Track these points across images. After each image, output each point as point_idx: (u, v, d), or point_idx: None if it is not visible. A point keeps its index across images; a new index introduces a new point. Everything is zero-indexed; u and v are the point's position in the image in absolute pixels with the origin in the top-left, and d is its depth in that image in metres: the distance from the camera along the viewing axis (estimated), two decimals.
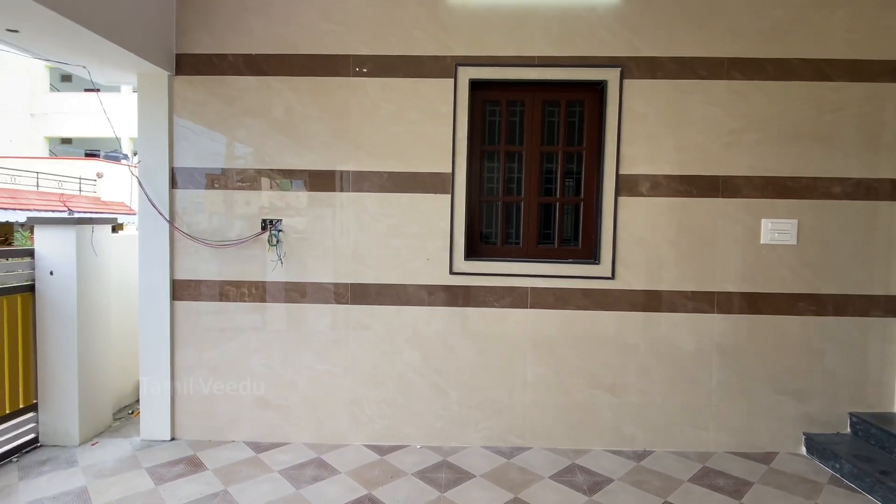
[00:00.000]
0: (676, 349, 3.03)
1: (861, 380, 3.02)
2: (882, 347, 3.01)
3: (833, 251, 2.98)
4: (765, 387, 3.03)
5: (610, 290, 3.02)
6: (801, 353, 3.02)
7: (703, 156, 2.97)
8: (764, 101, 2.94)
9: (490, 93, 3.09)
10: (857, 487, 2.62)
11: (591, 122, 3.07)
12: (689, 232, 3.00)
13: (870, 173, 2.95)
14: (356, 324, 3.07)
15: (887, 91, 2.93)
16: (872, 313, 3.00)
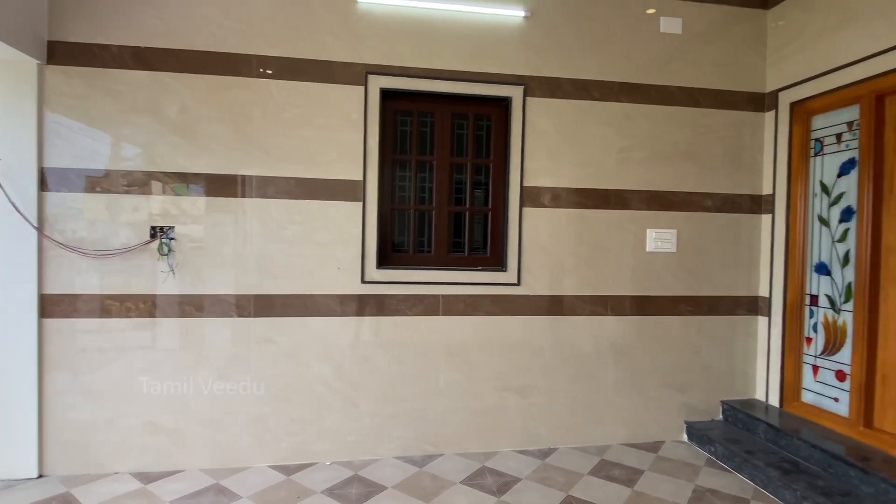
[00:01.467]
0: (577, 350, 3.23)
1: (730, 371, 3.43)
2: (746, 342, 3.44)
3: (706, 258, 3.36)
4: (653, 381, 3.33)
5: (516, 295, 3.15)
6: (682, 349, 3.36)
7: (598, 171, 3.22)
8: (648, 122, 3.26)
9: (401, 103, 3.11)
10: (728, 467, 2.96)
11: (498, 136, 3.20)
12: (586, 241, 3.22)
13: (734, 189, 3.38)
14: (260, 338, 2.91)
15: (746, 118, 3.38)
16: (738, 312, 3.42)
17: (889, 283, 2.65)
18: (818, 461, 2.66)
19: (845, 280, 2.87)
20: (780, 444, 2.91)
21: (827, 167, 2.99)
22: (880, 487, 2.33)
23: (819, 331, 3.04)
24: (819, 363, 3.03)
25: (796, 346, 3.16)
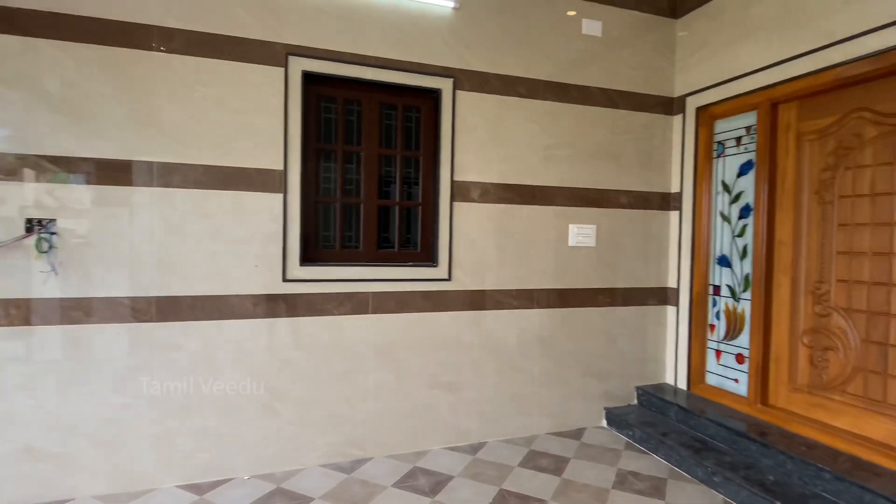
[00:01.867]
0: (505, 344, 3.26)
1: (643, 358, 3.64)
2: (657, 330, 3.67)
3: (622, 252, 3.54)
4: (575, 371, 3.45)
5: (447, 291, 3.10)
6: (601, 339, 3.51)
7: (525, 167, 3.26)
8: (571, 121, 3.36)
9: (326, 89, 2.92)
10: (645, 449, 3.14)
11: (428, 129, 3.13)
12: (514, 235, 3.26)
13: (646, 187, 3.59)
14: (164, 344, 2.60)
15: (657, 121, 3.60)
16: (650, 302, 3.65)
17: (781, 273, 2.95)
18: (724, 438, 2.90)
19: (744, 271, 3.15)
20: (690, 425, 3.14)
21: (728, 168, 3.27)
22: (778, 459, 2.58)
23: (721, 318, 3.32)
24: (721, 348, 3.31)
25: (701, 333, 3.43)
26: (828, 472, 2.34)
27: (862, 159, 2.56)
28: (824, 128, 2.73)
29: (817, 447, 2.56)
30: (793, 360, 2.89)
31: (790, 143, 2.90)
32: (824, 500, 2.30)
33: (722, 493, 2.59)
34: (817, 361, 2.76)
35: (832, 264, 2.69)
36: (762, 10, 2.98)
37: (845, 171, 2.63)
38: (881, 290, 2.48)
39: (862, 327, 2.56)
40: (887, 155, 2.45)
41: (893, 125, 2.43)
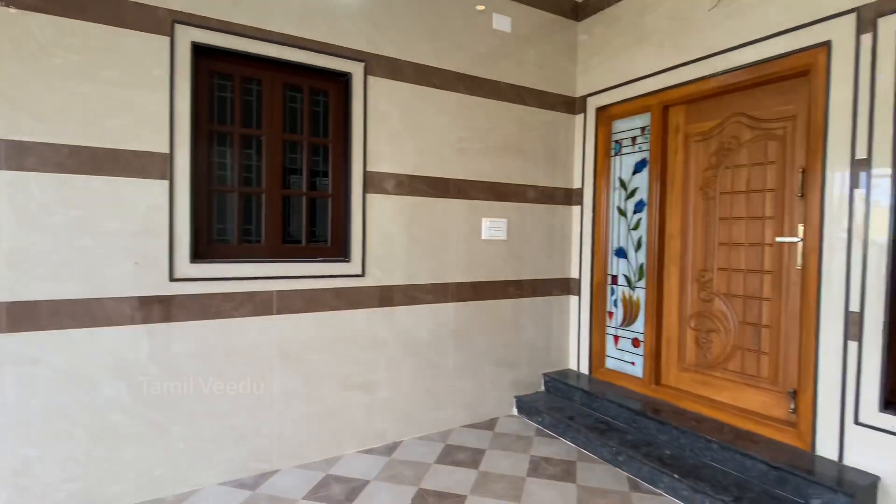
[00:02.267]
0: (420, 339, 3.19)
1: (549, 346, 3.79)
2: (561, 319, 3.84)
3: (530, 244, 3.64)
4: (488, 362, 3.49)
5: (361, 287, 2.96)
6: (511, 329, 3.59)
7: (439, 159, 3.21)
8: (483, 115, 3.37)
9: (221, 64, 2.61)
10: (555, 434, 3.26)
11: (337, 115, 2.94)
12: (429, 229, 3.19)
13: (551, 182, 3.72)
14: (18, 358, 2.16)
15: (561, 119, 3.74)
16: (555, 292, 3.80)
17: (671, 263, 3.21)
18: (625, 419, 3.10)
19: (639, 262, 3.40)
20: (594, 407, 3.32)
21: (624, 166, 3.49)
22: (672, 434, 2.81)
23: (619, 306, 3.55)
24: (619, 333, 3.54)
25: (601, 320, 3.64)
26: (716, 443, 2.59)
27: (739, 159, 2.86)
28: (708, 130, 3.01)
29: (705, 421, 2.83)
30: (682, 343, 3.17)
31: (679, 143, 3.16)
32: (713, 469, 2.54)
33: (626, 470, 2.76)
34: (702, 342, 3.06)
35: (714, 254, 2.98)
36: (654, 19, 3.20)
37: (725, 169, 2.93)
38: (755, 276, 2.79)
39: (739, 310, 2.87)
40: (760, 156, 2.76)
41: (765, 129, 2.74)
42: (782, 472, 2.31)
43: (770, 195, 2.72)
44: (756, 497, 2.28)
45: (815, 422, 2.42)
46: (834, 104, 2.35)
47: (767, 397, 2.72)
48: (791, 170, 2.62)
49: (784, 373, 2.65)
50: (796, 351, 2.58)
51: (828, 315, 2.37)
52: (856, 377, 2.28)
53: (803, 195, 2.54)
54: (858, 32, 2.26)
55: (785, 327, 2.65)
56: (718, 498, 2.29)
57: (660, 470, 2.57)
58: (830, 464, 2.31)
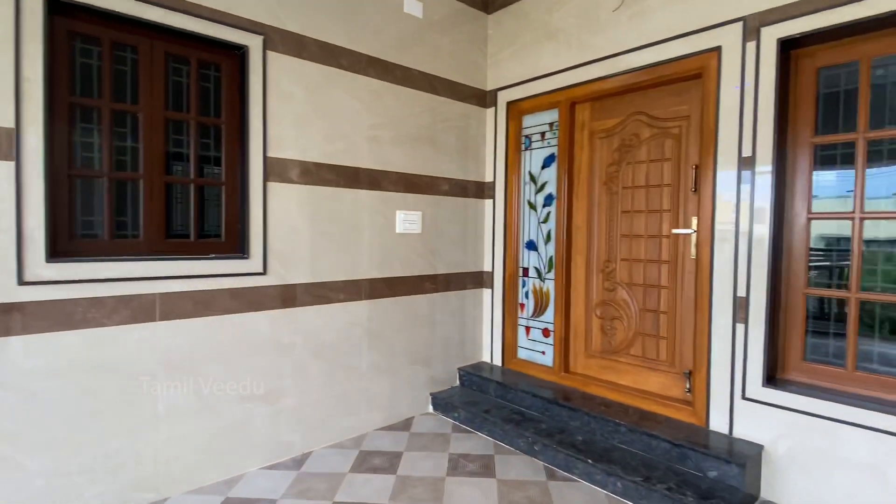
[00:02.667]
0: (331, 341, 2.98)
1: (464, 340, 3.76)
2: (475, 312, 3.83)
3: (444, 238, 3.57)
4: (403, 360, 3.36)
5: (263, 286, 2.67)
6: (427, 325, 3.49)
7: (350, 147, 3.00)
8: (395, 103, 3.22)
9: (84, 24, 2.18)
10: (471, 429, 3.23)
11: (232, 93, 2.61)
12: (339, 222, 2.98)
13: (464, 175, 3.68)
14: None
15: (473, 111, 3.71)
16: (469, 286, 3.77)
17: (578, 255, 3.32)
18: (538, 408, 3.15)
19: (548, 254, 3.47)
20: (508, 399, 3.34)
21: (534, 160, 3.55)
22: (583, 420, 2.91)
23: (530, 297, 3.61)
24: (530, 324, 3.61)
25: (513, 312, 3.68)
26: (623, 425, 2.71)
27: (639, 156, 3.02)
28: (611, 127, 3.14)
29: (612, 405, 2.97)
30: (588, 331, 3.30)
31: (585, 139, 3.27)
32: (623, 451, 2.66)
33: (542, 459, 2.80)
34: (607, 330, 3.20)
35: (618, 246, 3.13)
36: (561, 17, 3.27)
37: (627, 165, 3.08)
38: (654, 266, 2.97)
39: (640, 298, 3.04)
40: (658, 153, 2.93)
41: (662, 128, 2.91)
42: (683, 448, 2.47)
43: (667, 190, 2.90)
44: (662, 474, 2.41)
45: (708, 399, 2.62)
46: (724, 106, 2.55)
47: (666, 379, 2.91)
48: (685, 166, 2.81)
49: (680, 355, 2.85)
50: (691, 335, 2.78)
51: (719, 300, 2.58)
52: (743, 356, 2.50)
53: (696, 190, 2.74)
54: (745, 40, 2.47)
55: (681, 313, 2.85)
56: (629, 479, 2.40)
57: (574, 456, 2.63)
58: (723, 437, 2.52)
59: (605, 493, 2.48)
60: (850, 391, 2.30)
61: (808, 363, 2.46)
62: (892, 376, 2.23)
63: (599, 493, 2.49)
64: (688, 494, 2.23)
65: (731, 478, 2.31)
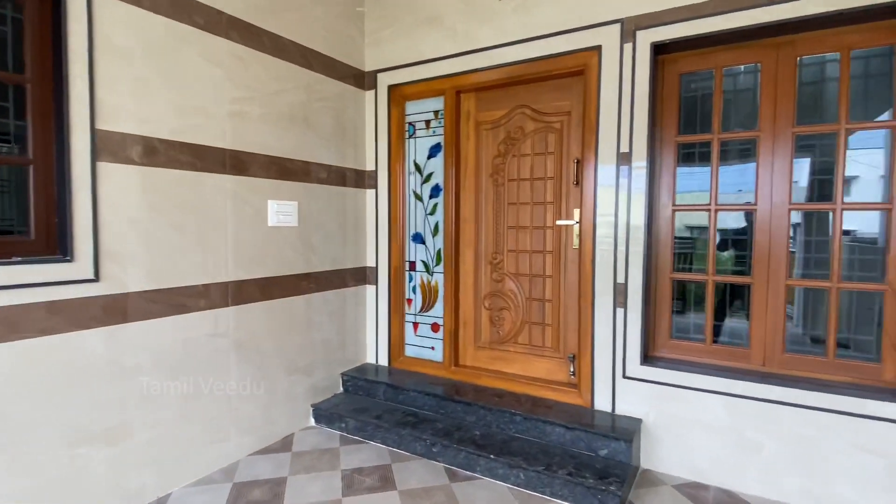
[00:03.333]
0: (190, 357, 2.47)
1: (345, 342, 3.47)
2: (357, 311, 3.56)
3: (323, 231, 3.23)
4: (280, 371, 2.97)
5: (95, 297, 2.08)
6: (305, 329, 3.13)
7: (209, 122, 2.50)
8: (265, 75, 2.78)
9: None
10: (362, 438, 2.98)
11: (42, 41, 1.96)
12: (198, 213, 2.48)
13: (344, 163, 3.37)
14: None
15: (351, 93, 3.41)
16: (350, 283, 3.49)
17: (466, 247, 3.27)
18: (432, 407, 3.03)
19: (436, 247, 3.36)
20: (399, 401, 3.17)
21: (419, 149, 3.40)
22: (479, 414, 2.86)
23: (417, 292, 3.47)
24: (418, 320, 3.47)
25: (400, 308, 3.51)
26: (518, 415, 2.73)
27: (524, 149, 3.06)
28: (496, 119, 3.13)
29: (504, 395, 2.98)
30: (477, 322, 3.27)
31: (471, 130, 3.21)
32: (521, 441, 2.67)
33: (442, 461, 2.69)
34: (496, 320, 3.21)
35: (505, 237, 3.15)
36: (446, 2, 3.15)
37: (512, 158, 3.10)
38: (539, 256, 3.04)
39: (526, 288, 3.09)
40: (541, 147, 3.00)
41: (546, 122, 2.97)
42: (576, 431, 2.57)
43: (551, 183, 2.98)
44: (560, 460, 2.47)
45: (593, 381, 2.77)
46: (604, 103, 2.68)
47: (552, 364, 3.02)
48: (567, 160, 2.92)
49: (564, 341, 2.98)
50: (575, 321, 2.91)
51: (601, 287, 2.73)
52: (623, 338, 2.68)
53: (578, 183, 2.86)
54: (622, 41, 2.61)
55: (564, 300, 2.96)
56: (531, 469, 2.41)
57: (475, 453, 2.57)
58: (608, 416, 2.68)
59: (508, 487, 2.46)
60: (709, 362, 2.61)
61: (675, 340, 2.73)
62: (741, 347, 2.58)
63: (502, 487, 2.46)
64: (587, 476, 2.31)
65: (620, 454, 2.46)
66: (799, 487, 2.30)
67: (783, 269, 2.45)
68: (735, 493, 2.41)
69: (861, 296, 2.56)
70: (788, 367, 2.45)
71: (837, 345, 2.35)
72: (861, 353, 2.33)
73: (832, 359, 2.37)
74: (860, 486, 2.18)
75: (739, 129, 2.56)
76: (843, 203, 2.32)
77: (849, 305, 2.62)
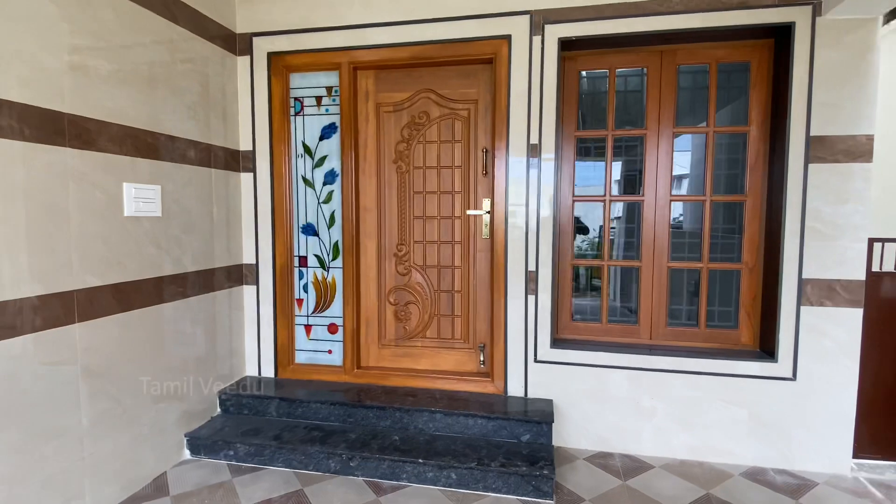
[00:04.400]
0: (22, 396, 1.80)
1: (220, 355, 2.93)
2: (233, 317, 3.03)
3: (192, 223, 2.66)
4: (145, 400, 2.37)
5: None
6: (175, 344, 2.56)
7: (39, 76, 1.83)
8: (115, 21, 2.14)
9: None
10: (259, 464, 2.55)
11: None
12: (28, 200, 1.80)
13: (213, 140, 2.80)
14: None
15: (222, 57, 2.85)
16: (225, 285, 2.95)
17: (367, 238, 3.02)
18: (339, 416, 2.74)
19: (332, 239, 3.04)
20: (298, 415, 2.79)
21: (308, 129, 3.01)
22: (394, 417, 2.68)
23: (310, 290, 3.10)
24: (312, 322, 3.11)
25: (287, 310, 3.09)
26: (439, 412, 2.63)
27: (430, 136, 2.92)
28: (399, 102, 2.94)
29: (417, 393, 2.84)
30: (381, 320, 3.06)
31: (370, 111, 2.96)
32: (445, 439, 2.57)
33: (362, 475, 2.44)
34: (401, 316, 3.04)
35: (411, 227, 2.99)
36: None
37: (418, 144, 2.94)
38: (447, 247, 2.96)
39: (435, 280, 2.99)
40: (448, 134, 2.90)
41: (452, 109, 2.88)
42: (498, 420, 2.57)
43: (458, 171, 2.91)
44: (489, 452, 2.44)
45: (506, 368, 2.80)
46: (514, 93, 2.69)
47: (461, 356, 2.97)
48: (475, 149, 2.88)
49: (474, 331, 2.96)
50: (485, 310, 2.91)
51: (513, 276, 2.77)
52: (535, 324, 2.76)
53: (487, 173, 2.84)
54: (531, 33, 2.65)
55: (474, 291, 2.94)
56: (464, 467, 2.33)
57: (399, 460, 2.39)
58: (522, 401, 2.74)
59: (440, 490, 2.35)
60: (607, 340, 2.84)
61: (575, 322, 2.91)
62: (630, 324, 2.86)
63: (434, 491, 2.33)
64: (519, 465, 2.32)
65: (542, 436, 2.54)
66: (684, 443, 2.65)
67: (666, 254, 2.78)
68: (635, 456, 2.68)
69: (724, 274, 2.99)
70: (670, 339, 2.80)
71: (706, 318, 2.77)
72: (723, 323, 2.79)
73: (703, 329, 2.77)
74: (730, 435, 2.60)
75: (629, 127, 2.82)
76: (711, 196, 2.72)
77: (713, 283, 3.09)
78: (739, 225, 2.73)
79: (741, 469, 2.54)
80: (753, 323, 2.71)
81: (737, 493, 2.33)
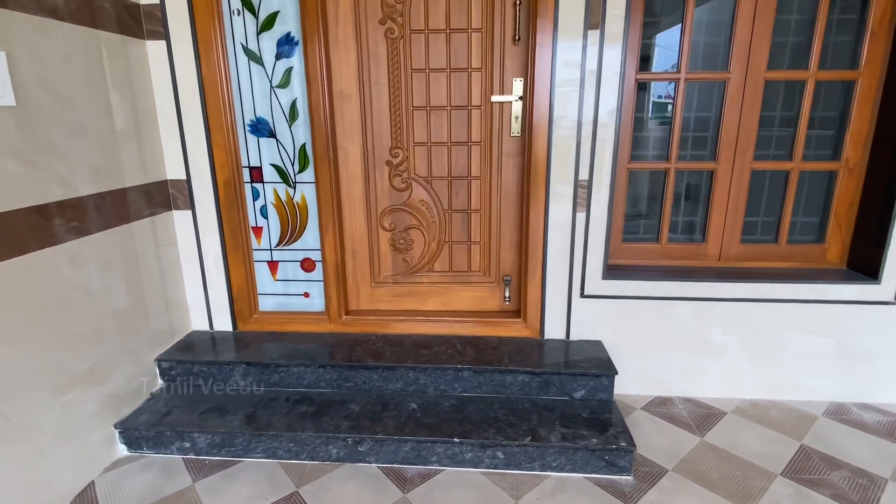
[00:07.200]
0: None
1: (154, 308, 2.10)
2: (162, 253, 2.15)
3: (83, 120, 1.68)
4: (42, 390, 1.56)
5: None
6: (76, 304, 1.70)
7: None
8: None
9: None
10: (230, 457, 1.86)
11: None
12: None
13: None
14: None
15: None
16: (144, 212, 2.04)
17: (347, 140, 2.15)
18: (332, 381, 2.07)
19: (298, 141, 2.14)
20: (275, 382, 2.09)
21: None
22: (408, 378, 2.04)
23: (271, 215, 2.24)
24: (278, 257, 2.29)
25: (241, 242, 2.25)
26: (467, 369, 2.01)
27: None
28: None
29: (432, 343, 2.19)
30: (373, 250, 2.30)
31: None
32: (478, 403, 1.96)
33: (377, 461, 1.83)
34: (400, 245, 2.29)
35: (410, 123, 2.13)
36: None
37: None
38: (461, 150, 2.16)
39: (445, 196, 2.22)
40: None
41: None
42: (545, 375, 2.00)
43: (476, 37, 2.03)
44: (540, 418, 1.88)
45: (543, 305, 2.19)
46: None
47: (481, 292, 2.32)
48: (501, 2, 1.98)
49: (497, 261, 2.28)
50: (511, 234, 2.22)
51: (556, 188, 2.05)
52: (583, 249, 2.12)
53: (519, 39, 1.99)
54: None
55: (498, 209, 2.21)
56: (515, 444, 1.77)
57: (422, 440, 1.79)
58: (564, 346, 2.17)
59: (484, 473, 1.79)
60: (667, 264, 2.27)
61: (627, 244, 2.30)
62: (694, 243, 2.29)
63: (477, 477, 1.78)
64: (584, 433, 1.79)
65: (601, 391, 2.01)
66: (755, 381, 2.22)
67: (751, 152, 2.14)
68: (697, 399, 2.24)
69: (812, 176, 2.37)
70: (743, 259, 2.26)
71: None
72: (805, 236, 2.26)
73: (783, 245, 2.24)
74: (809, 369, 2.19)
75: None
76: (816, 71, 2.04)
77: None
78: (842, 112, 2.11)
79: (819, 407, 2.17)
80: (844, 237, 2.20)
81: (831, 441, 1.95)
